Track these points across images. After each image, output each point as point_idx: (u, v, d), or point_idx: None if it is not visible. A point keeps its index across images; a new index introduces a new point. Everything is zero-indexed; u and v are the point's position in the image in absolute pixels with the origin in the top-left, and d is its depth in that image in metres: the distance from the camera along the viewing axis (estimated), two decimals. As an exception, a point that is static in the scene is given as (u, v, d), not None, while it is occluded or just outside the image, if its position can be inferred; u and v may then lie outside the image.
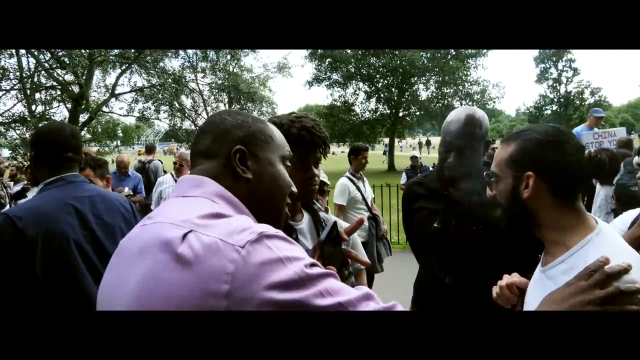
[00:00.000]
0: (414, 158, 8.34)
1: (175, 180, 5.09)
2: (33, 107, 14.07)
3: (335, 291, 0.73)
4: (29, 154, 1.83)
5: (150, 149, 7.75)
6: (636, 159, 4.08)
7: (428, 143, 39.15)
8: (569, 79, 28.36)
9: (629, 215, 1.95)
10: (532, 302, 1.13)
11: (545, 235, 1.13)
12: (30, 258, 1.61)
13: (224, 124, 0.94)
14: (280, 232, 0.78)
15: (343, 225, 1.69)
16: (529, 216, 1.12)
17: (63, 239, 1.66)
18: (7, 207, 4.80)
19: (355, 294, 0.76)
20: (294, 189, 1.00)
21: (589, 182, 1.14)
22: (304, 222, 1.52)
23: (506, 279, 1.29)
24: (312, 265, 0.75)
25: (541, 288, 1.10)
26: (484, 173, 1.22)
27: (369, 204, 4.42)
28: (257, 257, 0.70)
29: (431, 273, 1.86)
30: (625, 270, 0.89)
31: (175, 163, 5.16)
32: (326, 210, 3.01)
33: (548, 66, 29.07)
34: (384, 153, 27.81)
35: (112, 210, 1.85)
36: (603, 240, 1.04)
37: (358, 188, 4.35)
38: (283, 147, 0.99)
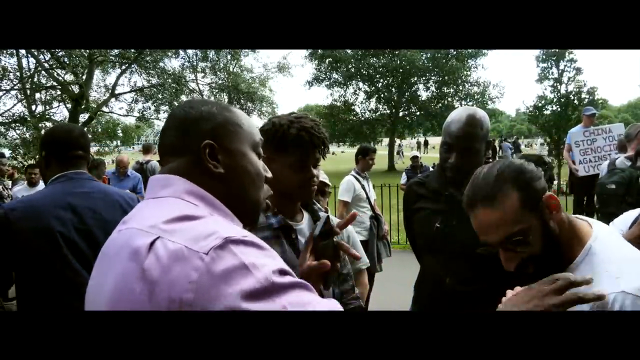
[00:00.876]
0: (414, 158, 8.34)
1: None
2: (33, 107, 14.08)
3: (300, 304, 0.71)
4: (39, 154, 1.87)
5: (147, 149, 7.72)
6: (619, 160, 4.07)
7: (426, 143, 39.09)
8: (570, 79, 28.30)
9: (630, 215, 1.95)
10: None
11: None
12: (18, 249, 1.65)
13: (188, 118, 0.89)
14: (248, 236, 0.75)
15: (348, 228, 1.69)
16: (558, 243, 1.08)
17: (50, 233, 1.68)
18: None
19: (322, 307, 0.73)
20: (268, 174, 0.97)
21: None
22: (304, 223, 1.51)
23: (510, 295, 1.26)
24: (281, 272, 0.73)
25: None
26: (500, 242, 1.10)
27: (372, 204, 4.46)
28: (221, 264, 0.68)
29: (432, 273, 1.86)
30: (587, 282, 0.90)
31: None
32: (326, 211, 3.01)
33: (549, 66, 29.03)
34: (398, 153, 28.04)
35: (113, 206, 1.86)
36: (602, 246, 1.04)
37: (363, 187, 4.41)
38: (253, 134, 0.95)
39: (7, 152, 12.60)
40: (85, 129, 15.04)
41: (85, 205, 1.78)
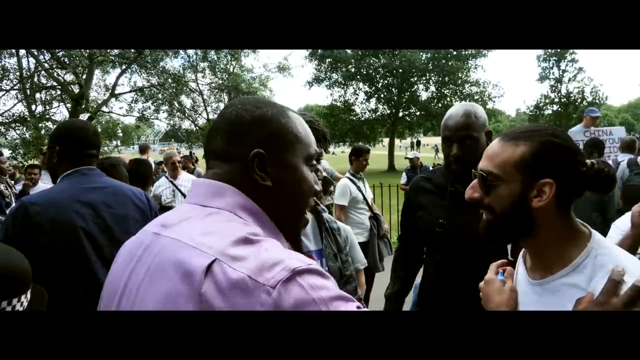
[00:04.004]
0: (413, 159, 8.35)
1: (171, 182, 5.02)
2: (33, 107, 14.09)
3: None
4: (49, 147, 1.90)
5: (143, 149, 7.84)
6: None
7: (418, 143, 39.04)
8: (571, 79, 28.33)
9: (628, 219, 1.96)
10: None
11: (541, 247, 1.05)
12: (37, 243, 1.68)
13: (239, 122, 0.82)
14: (312, 265, 0.70)
15: (347, 229, 1.69)
16: (529, 226, 1.01)
17: (70, 226, 1.73)
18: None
19: None
20: (318, 187, 0.91)
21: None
22: (307, 224, 1.52)
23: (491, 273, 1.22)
24: (346, 300, 0.70)
25: (539, 303, 1.05)
26: (479, 171, 1.09)
27: (370, 204, 4.44)
28: (290, 300, 0.64)
29: (436, 269, 1.86)
30: None
31: (173, 163, 5.09)
32: (328, 208, 2.99)
33: (550, 65, 29.05)
34: (437, 152, 28.24)
35: (125, 201, 1.91)
36: (603, 249, 1.00)
37: (359, 188, 4.37)
38: (309, 146, 0.87)
39: (7, 152, 12.61)
40: (85, 129, 15.01)
41: (100, 199, 1.83)
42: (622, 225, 1.96)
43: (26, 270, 1.16)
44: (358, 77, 28.54)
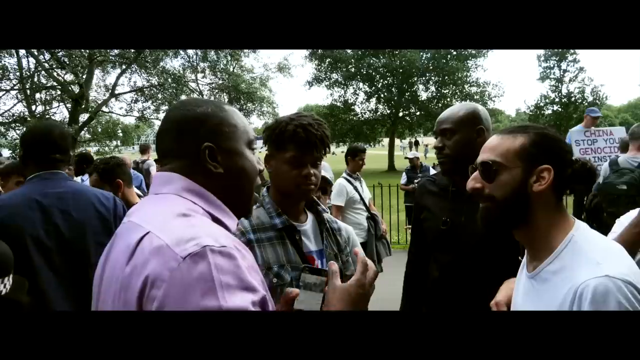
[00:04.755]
0: (413, 159, 8.32)
1: None
2: (33, 107, 14.10)
3: None
4: (19, 152, 1.88)
5: (144, 149, 7.85)
6: (622, 159, 4.08)
7: (417, 143, 39.07)
8: (572, 79, 28.33)
9: (633, 215, 1.94)
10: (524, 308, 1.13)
11: (532, 236, 1.12)
12: None
13: (184, 121, 0.93)
14: (227, 246, 0.77)
15: (349, 229, 1.67)
16: (526, 212, 1.09)
17: (18, 232, 1.70)
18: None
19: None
20: (261, 166, 1.02)
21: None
22: (308, 224, 1.51)
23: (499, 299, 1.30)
24: (247, 290, 0.74)
25: (534, 294, 1.10)
26: (480, 162, 1.14)
27: (367, 204, 4.41)
28: (193, 273, 0.71)
29: (440, 269, 1.86)
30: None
31: None
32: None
33: (551, 65, 29.03)
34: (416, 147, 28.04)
35: (85, 206, 1.86)
36: (583, 236, 1.06)
37: (355, 188, 4.33)
38: (247, 132, 0.99)
39: (7, 153, 12.62)
40: (85, 129, 15.07)
41: (55, 205, 1.79)
42: (626, 221, 1.95)
43: (7, 255, 1.17)
44: (358, 77, 28.51)
